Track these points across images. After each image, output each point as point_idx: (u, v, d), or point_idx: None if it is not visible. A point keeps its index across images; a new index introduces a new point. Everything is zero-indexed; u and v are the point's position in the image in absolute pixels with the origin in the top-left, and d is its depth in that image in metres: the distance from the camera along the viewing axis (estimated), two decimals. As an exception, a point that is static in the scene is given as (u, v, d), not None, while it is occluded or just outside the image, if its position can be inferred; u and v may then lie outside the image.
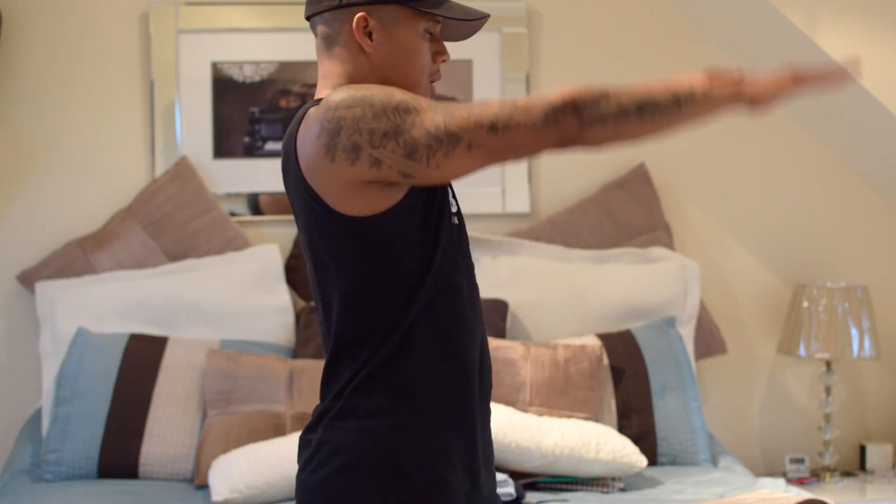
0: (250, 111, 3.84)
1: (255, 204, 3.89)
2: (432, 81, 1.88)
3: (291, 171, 1.78)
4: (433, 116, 1.70)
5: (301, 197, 1.77)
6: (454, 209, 1.86)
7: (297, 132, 1.77)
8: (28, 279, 3.68)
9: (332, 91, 1.76)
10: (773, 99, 1.73)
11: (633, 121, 1.69)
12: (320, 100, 1.79)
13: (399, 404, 1.77)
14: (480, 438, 1.86)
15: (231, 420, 3.30)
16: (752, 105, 1.73)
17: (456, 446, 1.80)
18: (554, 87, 4.00)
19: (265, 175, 3.86)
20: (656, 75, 3.81)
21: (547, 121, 1.68)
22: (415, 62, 1.84)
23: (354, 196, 1.73)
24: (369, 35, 1.82)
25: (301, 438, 1.85)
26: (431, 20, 1.85)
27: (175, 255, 3.74)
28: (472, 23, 1.88)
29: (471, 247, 1.98)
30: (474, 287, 1.89)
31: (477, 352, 1.86)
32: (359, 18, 1.81)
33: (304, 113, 1.78)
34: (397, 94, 1.72)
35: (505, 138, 1.68)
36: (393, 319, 1.77)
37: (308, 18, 1.89)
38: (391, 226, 1.75)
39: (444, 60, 1.89)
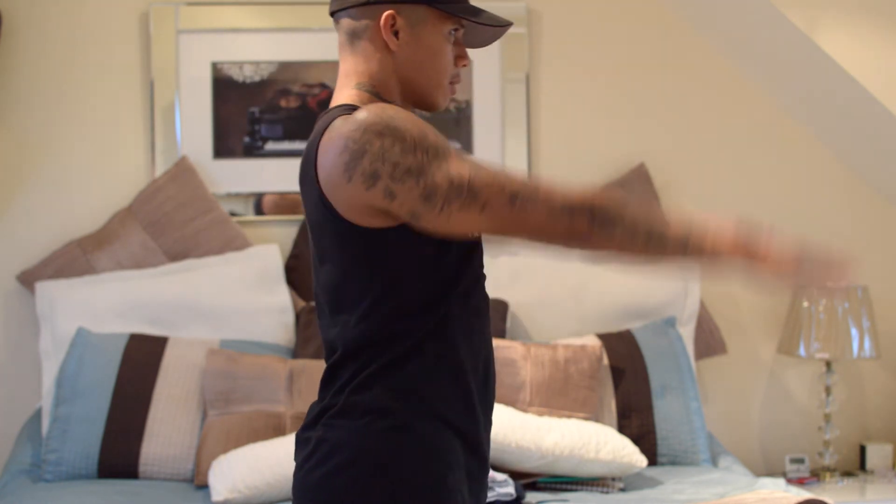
0: (250, 111, 3.84)
1: (259, 204, 3.89)
2: (452, 83, 1.89)
3: (309, 178, 1.78)
4: (460, 167, 1.70)
5: (318, 206, 1.77)
6: None
7: (319, 141, 1.76)
8: (28, 279, 3.68)
9: (363, 106, 1.75)
10: (773, 277, 1.75)
11: (638, 245, 1.73)
12: (346, 106, 1.79)
13: (400, 404, 1.77)
14: (480, 444, 1.86)
15: (231, 420, 3.30)
16: (751, 272, 1.75)
17: (455, 449, 1.80)
18: (553, 88, 4.00)
19: (266, 175, 3.86)
20: (657, 77, 3.74)
21: (563, 212, 1.71)
22: (438, 64, 1.85)
23: (366, 215, 1.73)
24: (395, 34, 1.82)
25: (298, 436, 1.85)
26: (457, 24, 1.86)
27: (175, 255, 3.74)
28: (495, 29, 1.90)
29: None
30: (486, 297, 1.90)
31: (482, 360, 1.86)
32: (387, 16, 1.81)
33: (330, 121, 1.76)
34: (430, 135, 1.71)
35: (520, 212, 1.70)
36: (407, 327, 1.77)
37: (332, 14, 1.89)
38: (407, 239, 1.74)
39: (464, 65, 1.90)
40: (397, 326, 1.77)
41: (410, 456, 1.76)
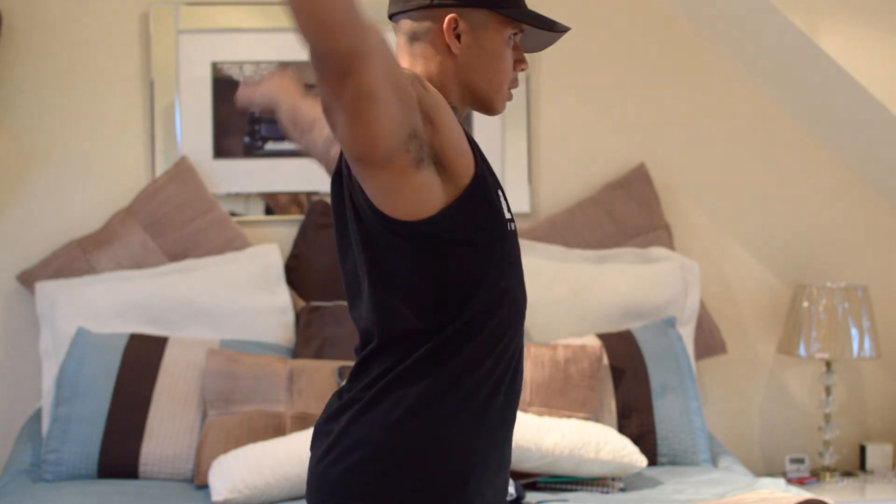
0: (250, 111, 3.84)
1: (268, 204, 3.89)
2: (510, 88, 1.90)
3: (344, 175, 1.78)
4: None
5: (358, 199, 1.76)
6: (508, 216, 1.86)
7: None
8: (28, 279, 3.68)
9: None
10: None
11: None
12: None
13: (428, 403, 1.76)
14: (505, 442, 1.86)
15: (231, 420, 3.30)
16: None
17: (480, 449, 1.80)
18: (553, 88, 3.99)
19: (267, 175, 3.86)
20: (657, 77, 3.75)
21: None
22: (499, 68, 1.86)
23: (397, 192, 1.70)
24: (458, 37, 1.83)
25: (319, 427, 1.84)
26: (517, 28, 1.87)
27: (175, 255, 3.74)
28: (552, 34, 1.91)
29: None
30: (524, 294, 1.88)
31: (516, 355, 1.85)
32: (450, 20, 1.82)
33: None
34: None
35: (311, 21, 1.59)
36: (443, 321, 1.76)
37: (391, 17, 1.89)
38: (444, 230, 1.73)
39: (523, 69, 1.90)
40: (435, 320, 1.76)
41: (434, 455, 1.76)
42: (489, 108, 1.89)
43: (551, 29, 1.88)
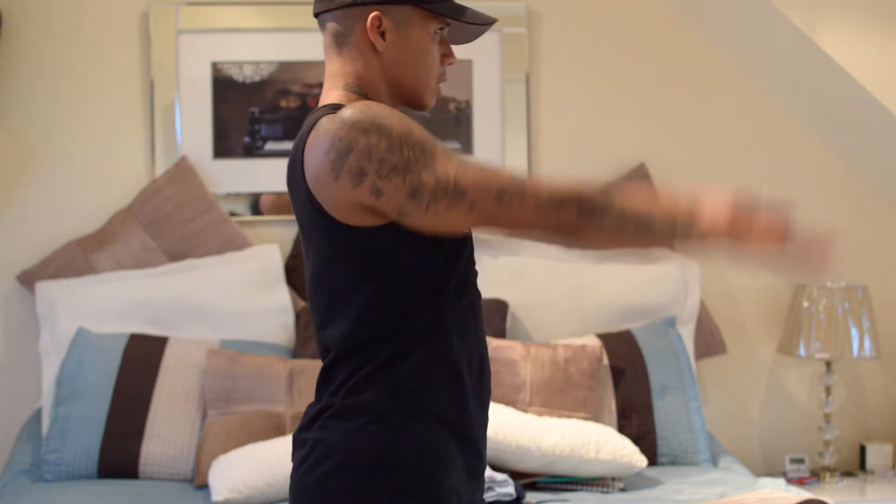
0: (250, 111, 3.84)
1: (257, 204, 3.89)
2: (439, 83, 1.90)
3: (297, 179, 1.77)
4: (446, 165, 1.70)
5: (306, 207, 1.76)
6: None
7: (305, 141, 1.76)
8: (28, 279, 3.68)
9: (348, 105, 1.74)
10: (757, 251, 1.75)
11: (628, 236, 1.76)
12: (331, 105, 1.79)
13: (396, 405, 1.77)
14: (476, 442, 1.86)
15: (231, 420, 3.31)
16: (738, 247, 1.75)
17: (451, 449, 1.80)
18: (553, 88, 4.00)
19: (266, 175, 3.86)
20: (657, 77, 3.72)
21: (551, 206, 1.70)
22: (425, 63, 1.85)
23: (356, 213, 1.73)
24: (382, 35, 1.82)
25: (295, 438, 1.85)
26: (442, 22, 1.86)
27: (175, 255, 3.74)
28: (478, 27, 1.90)
29: (471, 246, 1.98)
30: (478, 293, 1.89)
31: (476, 357, 1.86)
32: (373, 18, 1.81)
33: (316, 121, 1.76)
34: (416, 132, 1.71)
35: (508, 210, 1.70)
36: (400, 326, 1.77)
37: (317, 15, 1.88)
38: (399, 237, 1.74)
39: (450, 63, 1.90)
40: (391, 326, 1.77)
41: (406, 457, 1.76)
42: (418, 104, 1.89)
43: (476, 22, 1.87)
